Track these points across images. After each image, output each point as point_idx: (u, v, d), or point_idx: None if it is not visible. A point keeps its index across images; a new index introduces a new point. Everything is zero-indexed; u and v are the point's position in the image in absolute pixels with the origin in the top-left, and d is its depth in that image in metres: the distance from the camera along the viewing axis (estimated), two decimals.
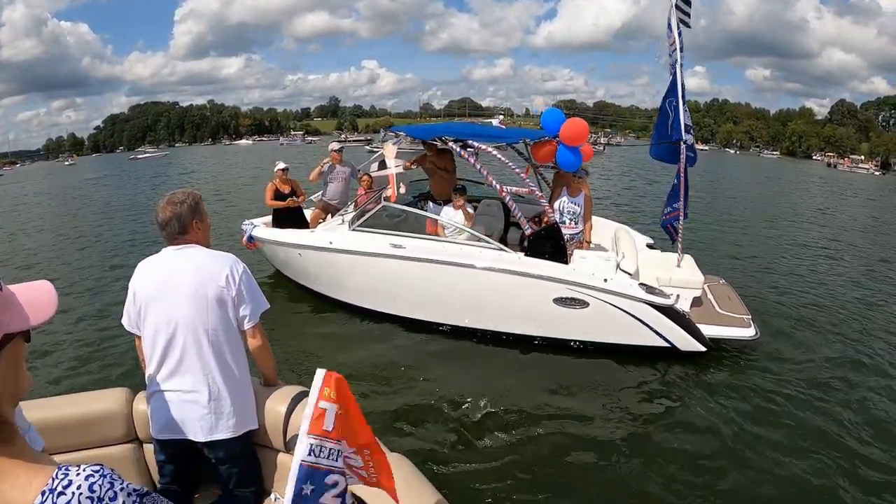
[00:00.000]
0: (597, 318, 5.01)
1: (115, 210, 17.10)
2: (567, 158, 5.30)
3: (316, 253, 5.97)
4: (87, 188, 28.10)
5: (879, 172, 65.81)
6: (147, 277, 1.98)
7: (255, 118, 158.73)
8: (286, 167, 6.85)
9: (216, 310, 1.93)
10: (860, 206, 23.06)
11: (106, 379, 4.75)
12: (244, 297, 1.98)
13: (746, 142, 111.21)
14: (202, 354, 1.93)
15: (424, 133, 5.86)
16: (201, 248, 2.02)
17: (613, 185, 23.04)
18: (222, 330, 1.95)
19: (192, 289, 1.90)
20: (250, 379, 2.10)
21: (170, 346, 1.93)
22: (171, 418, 1.94)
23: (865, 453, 3.86)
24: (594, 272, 4.96)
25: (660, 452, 3.85)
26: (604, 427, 4.19)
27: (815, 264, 9.80)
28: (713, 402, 4.51)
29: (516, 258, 5.13)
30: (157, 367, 1.96)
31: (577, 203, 5.72)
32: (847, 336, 5.99)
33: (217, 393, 1.94)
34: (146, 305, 1.95)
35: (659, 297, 4.88)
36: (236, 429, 1.97)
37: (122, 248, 10.68)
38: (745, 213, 16.64)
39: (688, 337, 4.98)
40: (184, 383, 1.94)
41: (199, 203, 2.04)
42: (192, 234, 1.99)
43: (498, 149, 5.47)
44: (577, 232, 5.78)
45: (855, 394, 4.70)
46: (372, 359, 5.15)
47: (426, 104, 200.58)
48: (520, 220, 5.18)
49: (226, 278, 1.94)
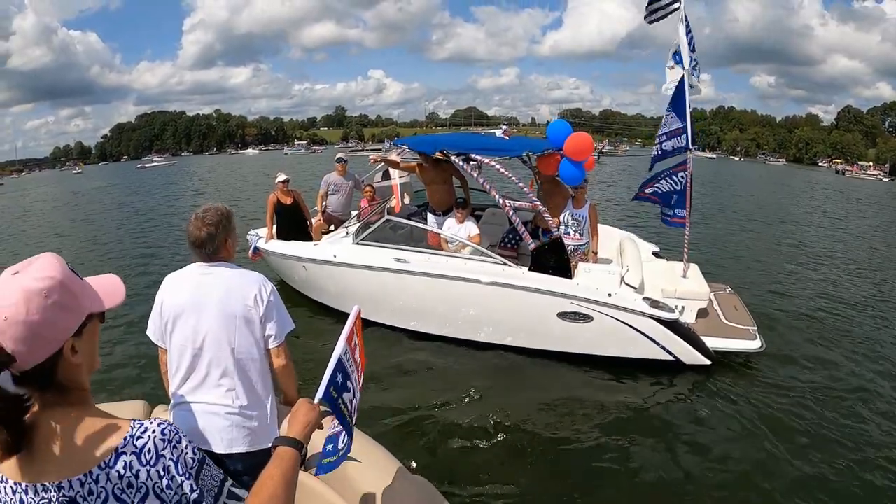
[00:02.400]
0: (601, 332, 4.99)
1: (136, 218, 17.35)
2: (570, 172, 5.29)
3: (320, 266, 5.98)
4: (101, 196, 28.48)
5: (888, 178, 65.55)
6: (176, 292, 1.99)
7: (262, 127, 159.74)
8: (287, 178, 6.79)
9: (243, 328, 1.96)
10: (872, 212, 22.93)
11: (121, 392, 4.80)
12: (271, 316, 2.00)
13: (753, 149, 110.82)
14: (227, 371, 1.96)
15: (427, 146, 5.86)
16: (230, 266, 2.04)
17: (614, 191, 23.06)
18: (248, 348, 1.98)
19: (221, 306, 1.93)
20: (273, 396, 2.12)
21: (196, 361, 1.96)
22: (193, 430, 1.95)
23: (873, 465, 3.82)
24: (598, 287, 4.93)
25: (663, 466, 3.84)
26: (607, 441, 4.15)
27: (826, 272, 9.73)
28: (718, 415, 4.49)
29: (520, 273, 5.12)
30: (183, 380, 1.98)
31: (582, 214, 5.72)
32: (855, 348, 5.93)
33: (240, 408, 1.97)
34: (173, 320, 1.97)
35: (663, 312, 4.85)
36: (256, 444, 1.99)
37: (139, 259, 10.78)
38: (755, 218, 16.58)
39: (692, 350, 4.95)
40: (208, 397, 1.96)
41: (231, 219, 2.06)
42: (223, 251, 2.02)
43: (502, 161, 5.46)
44: (583, 243, 5.77)
45: (862, 407, 4.65)
46: (375, 370, 5.13)
47: (432, 113, 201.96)
48: (523, 234, 5.16)
49: (254, 298, 1.96)
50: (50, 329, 0.87)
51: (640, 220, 13.10)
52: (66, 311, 0.90)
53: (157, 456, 0.92)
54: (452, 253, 5.58)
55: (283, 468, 1.06)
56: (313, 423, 1.25)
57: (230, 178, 38.39)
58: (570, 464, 3.89)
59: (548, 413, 4.53)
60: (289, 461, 1.09)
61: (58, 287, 0.89)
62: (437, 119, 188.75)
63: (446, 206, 6.09)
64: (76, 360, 0.92)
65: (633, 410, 4.62)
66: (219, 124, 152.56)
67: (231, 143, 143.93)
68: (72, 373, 0.93)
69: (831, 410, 4.57)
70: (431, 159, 5.80)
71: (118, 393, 4.78)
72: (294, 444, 1.14)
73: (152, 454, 0.92)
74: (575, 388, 4.91)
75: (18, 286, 0.86)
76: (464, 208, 5.76)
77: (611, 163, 47.34)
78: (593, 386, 4.97)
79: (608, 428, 4.33)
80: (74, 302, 0.92)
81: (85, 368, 0.96)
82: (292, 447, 1.13)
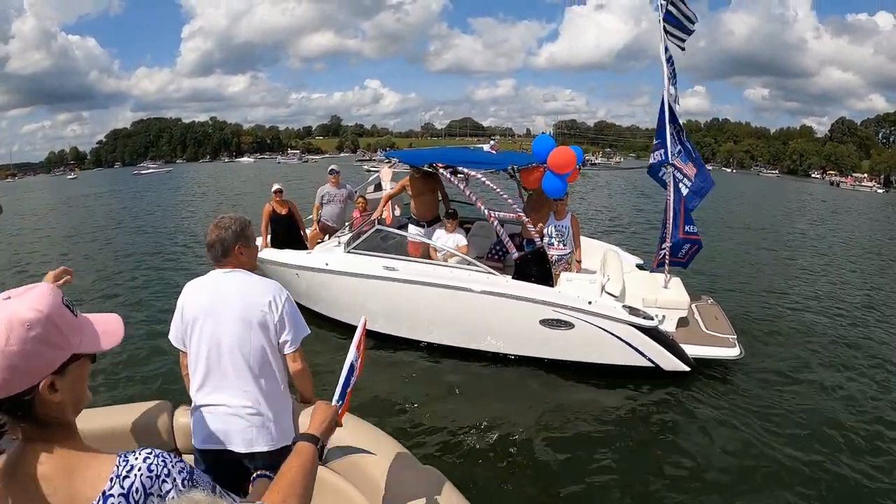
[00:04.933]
0: (582, 339, 5.15)
1: (146, 227, 17.43)
2: (553, 185, 5.46)
3: (312, 274, 6.14)
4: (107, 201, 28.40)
5: (882, 190, 66.14)
6: (195, 297, 2.08)
7: (257, 136, 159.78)
8: (281, 188, 6.98)
9: (259, 333, 2.03)
10: (867, 225, 23.27)
11: (144, 392, 4.95)
12: (286, 323, 2.07)
13: (747, 161, 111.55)
14: (245, 373, 2.04)
15: (417, 159, 6.07)
16: (248, 274, 2.13)
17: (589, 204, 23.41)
18: (264, 352, 2.06)
19: (238, 312, 2.00)
20: (290, 397, 2.22)
21: (215, 364, 2.04)
22: (214, 430, 2.04)
23: (845, 472, 3.96)
24: (579, 294, 5.11)
25: (641, 471, 3.97)
26: (586, 446, 4.29)
27: (815, 284, 9.92)
28: (695, 420, 4.65)
29: (504, 281, 5.29)
30: (202, 383, 2.06)
31: (565, 224, 5.91)
32: (835, 356, 6.12)
33: (258, 409, 2.05)
34: (193, 324, 2.05)
35: (642, 319, 5.01)
36: (274, 443, 2.08)
37: (139, 263, 10.89)
38: (743, 231, 16.83)
39: (671, 357, 5.11)
40: (227, 399, 2.04)
41: (246, 228, 2.13)
42: (234, 258, 2.10)
43: (488, 174, 5.67)
44: (567, 253, 5.95)
45: (839, 414, 4.80)
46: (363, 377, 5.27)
47: (428, 124, 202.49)
48: (507, 244, 5.34)
49: (269, 304, 2.04)
50: (27, 362, 0.84)
51: (624, 236, 13.32)
52: (48, 347, 0.87)
53: (146, 494, 0.90)
54: (439, 262, 5.76)
55: (301, 460, 1.15)
56: (330, 420, 1.36)
57: (233, 184, 38.56)
58: (548, 465, 4.02)
59: (525, 417, 4.65)
60: (307, 455, 1.18)
61: (43, 320, 0.87)
62: (432, 129, 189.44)
63: (431, 217, 6.31)
64: (55, 398, 0.89)
65: (612, 416, 4.76)
66: (214, 132, 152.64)
67: (226, 151, 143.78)
68: (52, 409, 0.89)
69: (808, 415, 4.73)
70: (421, 171, 6.00)
71: (146, 391, 4.99)
72: (312, 439, 1.24)
73: (140, 494, 0.89)
74: (555, 394, 5.07)
75: (5, 314, 0.84)
76: (453, 219, 5.96)
77: (603, 175, 47.57)
78: (574, 391, 5.12)
79: (586, 433, 4.48)
80: (60, 338, 0.89)
81: (70, 406, 0.93)
82: (310, 442, 1.23)
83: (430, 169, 5.70)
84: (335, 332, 6.09)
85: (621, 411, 4.84)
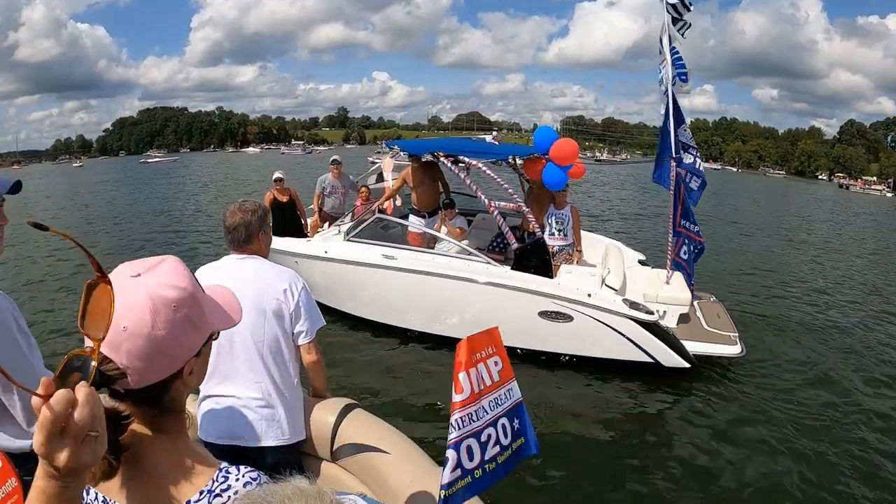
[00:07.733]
0: (581, 332, 5.09)
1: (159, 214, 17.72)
2: (554, 177, 5.40)
3: (311, 261, 6.11)
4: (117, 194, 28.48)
5: (892, 193, 66.00)
6: (212, 283, 2.05)
7: (264, 126, 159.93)
8: (282, 177, 7.00)
9: (273, 322, 1.98)
10: (873, 227, 23.12)
11: None
12: (301, 313, 2.02)
13: (755, 161, 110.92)
14: (257, 364, 1.97)
15: (418, 148, 6.02)
16: (264, 261, 2.07)
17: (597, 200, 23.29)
18: (278, 341, 2.00)
19: (252, 300, 1.91)
20: (301, 390, 2.15)
21: (226, 354, 1.95)
22: (223, 423, 1.97)
23: (844, 469, 3.92)
24: (578, 287, 5.05)
25: (639, 468, 3.93)
26: (584, 441, 4.26)
27: (819, 284, 9.83)
28: (695, 418, 4.59)
29: (503, 271, 5.24)
30: (212, 373, 1.95)
31: (565, 213, 5.86)
32: (836, 355, 6.07)
33: (269, 401, 1.98)
34: None
35: (642, 313, 4.95)
36: (284, 437, 2.00)
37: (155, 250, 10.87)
38: (748, 231, 16.64)
39: (672, 353, 5.04)
40: (237, 390, 1.97)
41: (268, 215, 2.10)
42: (255, 244, 2.05)
43: (490, 165, 5.61)
44: (567, 244, 5.90)
45: (839, 413, 4.75)
46: (358, 366, 5.28)
47: (434, 117, 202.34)
48: (507, 235, 5.29)
49: (284, 293, 1.98)
50: (174, 347, 0.77)
51: (632, 232, 13.24)
52: (194, 329, 0.80)
53: None
54: (438, 251, 5.73)
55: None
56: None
57: (239, 172, 38.61)
58: (545, 460, 3.93)
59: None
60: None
61: (189, 299, 0.79)
62: (439, 123, 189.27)
63: (433, 207, 6.28)
64: (190, 382, 0.84)
65: (610, 411, 4.72)
66: (220, 122, 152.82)
67: (232, 141, 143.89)
68: (181, 395, 0.84)
69: (810, 414, 4.69)
70: (421, 161, 5.96)
71: None
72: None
73: None
74: (554, 388, 5.01)
75: (145, 293, 0.75)
76: (451, 209, 5.96)
77: (611, 171, 47.47)
78: (572, 386, 5.07)
79: (584, 428, 4.45)
80: (202, 318, 0.82)
81: (191, 389, 0.87)
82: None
83: (432, 158, 5.65)
84: (336, 322, 6.06)
85: (620, 407, 4.80)
